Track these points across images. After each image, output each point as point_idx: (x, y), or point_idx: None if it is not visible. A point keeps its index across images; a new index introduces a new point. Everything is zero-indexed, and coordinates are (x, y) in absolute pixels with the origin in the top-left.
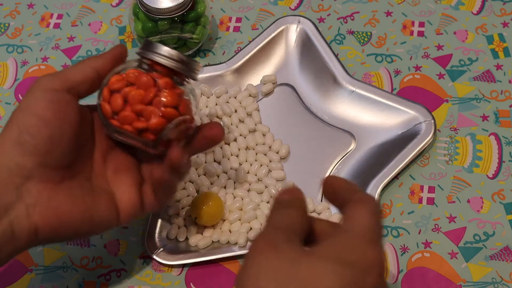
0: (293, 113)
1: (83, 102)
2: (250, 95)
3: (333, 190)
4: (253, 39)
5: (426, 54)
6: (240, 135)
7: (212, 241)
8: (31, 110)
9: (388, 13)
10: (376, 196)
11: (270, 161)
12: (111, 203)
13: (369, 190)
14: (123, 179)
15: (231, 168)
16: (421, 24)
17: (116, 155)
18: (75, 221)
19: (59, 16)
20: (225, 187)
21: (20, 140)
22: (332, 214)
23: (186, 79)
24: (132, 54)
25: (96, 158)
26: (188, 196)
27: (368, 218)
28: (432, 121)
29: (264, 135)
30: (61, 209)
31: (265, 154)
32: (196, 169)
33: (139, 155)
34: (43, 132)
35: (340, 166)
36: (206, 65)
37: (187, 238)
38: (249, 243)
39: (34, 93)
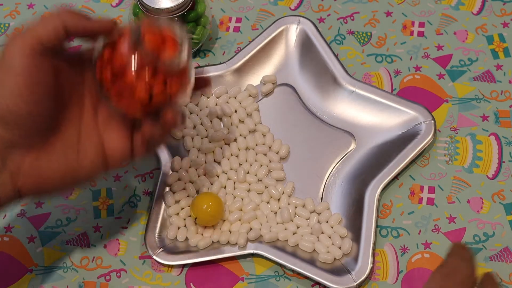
0: (293, 113)
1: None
2: (250, 95)
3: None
4: (253, 39)
5: (426, 54)
6: (240, 135)
7: (212, 241)
8: (9, 84)
9: (388, 13)
10: (376, 196)
11: (270, 161)
12: (99, 151)
13: (369, 190)
14: (114, 127)
15: (231, 168)
16: (421, 24)
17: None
18: (57, 179)
19: None
20: (225, 187)
21: (0, 115)
22: (332, 214)
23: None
24: None
25: (86, 106)
26: (188, 196)
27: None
28: (432, 121)
29: (264, 135)
30: (43, 173)
31: (265, 154)
32: (196, 170)
33: None
34: (22, 110)
35: (340, 166)
36: (206, 65)
37: (187, 238)
38: (249, 243)
39: (12, 59)
